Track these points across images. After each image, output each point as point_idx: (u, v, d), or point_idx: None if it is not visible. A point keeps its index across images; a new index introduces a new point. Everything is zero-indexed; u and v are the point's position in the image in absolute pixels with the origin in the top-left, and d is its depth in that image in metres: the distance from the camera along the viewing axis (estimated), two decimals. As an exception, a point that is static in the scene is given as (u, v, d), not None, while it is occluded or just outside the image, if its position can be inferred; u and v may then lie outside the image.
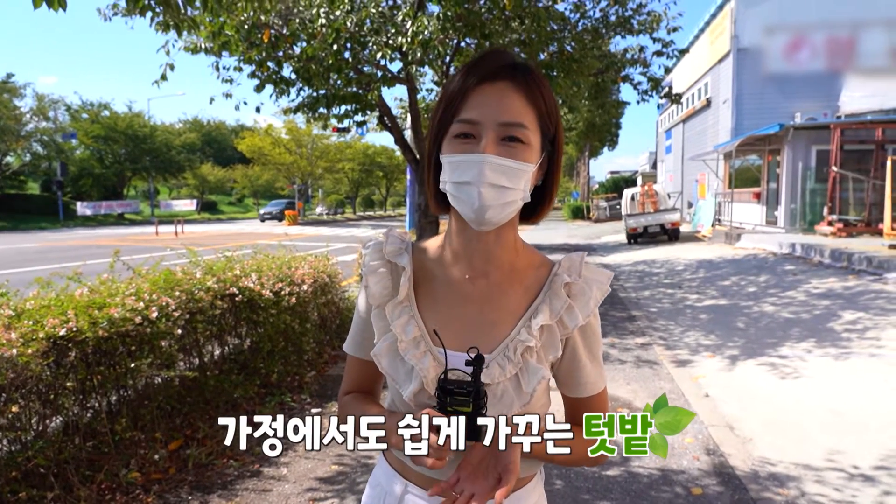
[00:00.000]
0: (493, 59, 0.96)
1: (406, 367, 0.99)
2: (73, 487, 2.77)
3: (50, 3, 3.29)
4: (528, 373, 0.98)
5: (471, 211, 0.93)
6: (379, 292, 1.04)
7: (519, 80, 0.95)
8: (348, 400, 1.12)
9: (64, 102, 38.40)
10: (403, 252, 1.05)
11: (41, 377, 2.66)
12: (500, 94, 0.93)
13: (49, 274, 3.38)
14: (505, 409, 0.97)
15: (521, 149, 0.93)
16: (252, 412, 4.03)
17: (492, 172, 0.90)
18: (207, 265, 4.27)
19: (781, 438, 3.77)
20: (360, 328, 1.10)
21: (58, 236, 24.55)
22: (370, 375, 1.12)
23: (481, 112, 0.92)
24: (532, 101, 0.95)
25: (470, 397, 0.87)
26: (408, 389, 0.98)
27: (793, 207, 16.37)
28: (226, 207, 57.03)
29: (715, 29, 23.13)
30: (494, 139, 0.92)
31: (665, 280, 10.87)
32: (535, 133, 0.95)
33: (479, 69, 0.95)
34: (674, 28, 9.36)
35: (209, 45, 7.20)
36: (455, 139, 0.94)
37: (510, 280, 1.03)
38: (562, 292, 1.01)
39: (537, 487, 1.09)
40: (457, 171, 0.93)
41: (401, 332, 1.00)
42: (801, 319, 6.91)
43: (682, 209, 26.08)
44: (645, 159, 49.74)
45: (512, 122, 0.92)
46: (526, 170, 0.94)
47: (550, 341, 1.00)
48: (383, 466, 1.10)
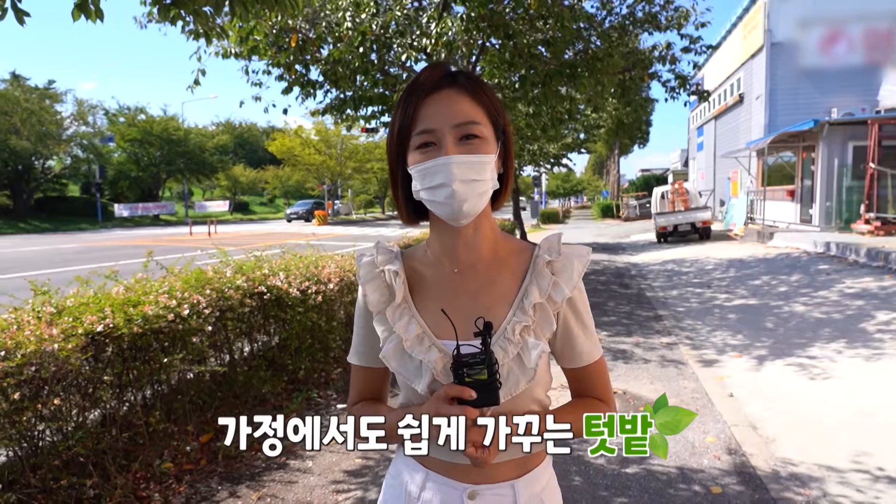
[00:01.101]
0: (431, 72, 1.04)
1: (414, 362, 1.05)
2: (110, 476, 2.91)
3: (88, 14, 3.45)
4: (529, 349, 1.04)
5: (449, 209, 1.00)
6: (377, 299, 1.10)
7: (460, 84, 1.03)
8: (358, 408, 1.17)
9: (102, 107, 39.69)
10: (394, 259, 1.12)
11: (81, 371, 2.80)
12: (448, 100, 1.01)
13: (88, 273, 3.54)
14: (513, 388, 1.03)
15: (478, 143, 1.00)
16: (279, 407, 4.17)
17: (459, 170, 0.98)
18: (237, 264, 4.40)
19: (806, 439, 3.74)
20: (362, 338, 1.16)
21: (96, 237, 25.30)
22: (377, 382, 1.18)
23: (435, 120, 1.00)
24: (478, 100, 1.03)
25: (484, 365, 0.93)
26: (421, 383, 1.04)
27: (828, 205, 15.99)
28: (257, 208, 58.01)
29: (748, 23, 22.69)
30: (453, 141, 0.99)
31: (694, 279, 10.74)
32: (487, 127, 1.03)
33: (422, 84, 1.02)
34: (702, 23, 9.24)
35: (239, 50, 7.39)
36: (417, 150, 1.02)
37: (496, 268, 1.10)
38: (546, 271, 1.07)
39: (547, 469, 1.14)
40: (427, 178, 1.00)
41: (404, 332, 1.06)
42: (832, 319, 6.78)
43: (714, 207, 25.64)
44: (677, 157, 48.98)
45: (465, 121, 1.00)
46: (489, 161, 1.01)
47: (544, 318, 1.06)
48: (402, 458, 1.16)
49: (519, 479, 1.08)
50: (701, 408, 4.27)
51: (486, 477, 1.06)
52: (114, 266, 3.65)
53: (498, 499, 1.07)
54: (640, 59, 8.93)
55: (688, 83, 9.19)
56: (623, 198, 41.62)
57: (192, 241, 19.97)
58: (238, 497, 3.04)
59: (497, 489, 1.07)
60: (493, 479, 1.07)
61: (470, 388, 0.93)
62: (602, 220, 39.02)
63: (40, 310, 2.91)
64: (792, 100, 19.96)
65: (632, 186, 53.83)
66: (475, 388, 0.93)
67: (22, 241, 22.59)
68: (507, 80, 8.54)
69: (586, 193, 73.22)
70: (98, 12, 3.29)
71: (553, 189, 53.61)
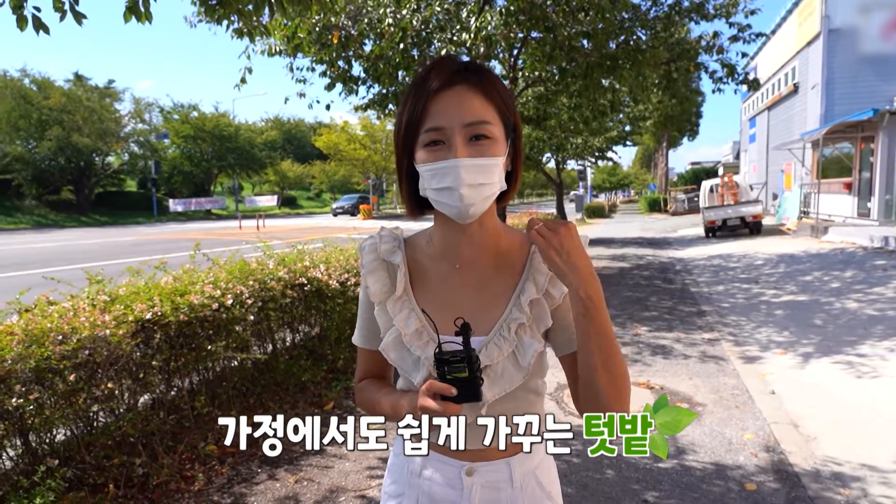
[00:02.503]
0: (443, 66, 1.01)
1: (413, 357, 1.09)
2: (157, 456, 3.08)
3: (138, 17, 3.62)
4: (523, 348, 1.06)
5: (456, 211, 1.00)
6: (378, 290, 1.12)
7: (473, 80, 1.00)
8: (363, 385, 1.22)
9: (158, 105, 41.06)
10: (397, 249, 1.13)
11: (131, 356, 2.97)
12: (459, 96, 0.99)
13: (139, 264, 3.73)
14: (507, 385, 1.06)
15: (488, 144, 0.99)
16: (319, 395, 4.30)
17: (468, 174, 0.97)
18: (279, 257, 4.55)
19: (849, 438, 3.64)
20: (365, 322, 1.19)
21: (151, 230, 26.31)
22: (379, 363, 1.21)
23: (445, 118, 0.98)
24: (489, 97, 1.01)
25: (464, 363, 0.95)
26: (418, 377, 1.08)
27: (888, 198, 15.30)
28: (304, 202, 59.10)
29: (804, 10, 21.82)
30: (463, 141, 0.98)
31: (741, 275, 10.46)
32: (498, 126, 1.01)
33: (432, 78, 1.00)
34: (752, 11, 8.98)
35: (284, 48, 7.58)
36: (426, 148, 1.00)
37: (496, 264, 1.11)
38: (542, 267, 1.07)
39: (542, 447, 1.13)
40: (435, 179, 0.99)
41: (403, 326, 1.09)
42: (886, 317, 6.52)
43: (766, 201, 24.82)
44: (728, 149, 47.58)
45: (476, 120, 0.98)
46: (498, 163, 1.00)
47: (540, 314, 1.07)
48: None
49: (514, 456, 1.12)
50: (740, 404, 4.20)
51: (482, 455, 1.10)
52: (164, 258, 3.83)
53: (494, 475, 1.11)
54: (685, 50, 8.73)
55: (736, 72, 8.93)
56: (671, 192, 40.69)
57: (240, 235, 20.56)
58: (276, 479, 3.17)
59: (493, 466, 1.11)
60: (489, 457, 1.11)
61: (451, 385, 0.95)
62: (649, 214, 38.26)
63: (95, 298, 3.09)
64: (850, 88, 19.13)
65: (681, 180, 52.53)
66: (456, 385, 0.95)
67: (83, 234, 23.70)
68: (547, 72, 8.49)
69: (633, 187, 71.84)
70: (147, 14, 3.45)
71: (599, 183, 52.81)
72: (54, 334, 2.61)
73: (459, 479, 1.12)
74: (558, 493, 1.20)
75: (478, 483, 1.11)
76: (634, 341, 5.81)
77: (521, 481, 1.13)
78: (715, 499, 2.94)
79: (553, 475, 1.19)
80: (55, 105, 32.90)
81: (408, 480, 1.18)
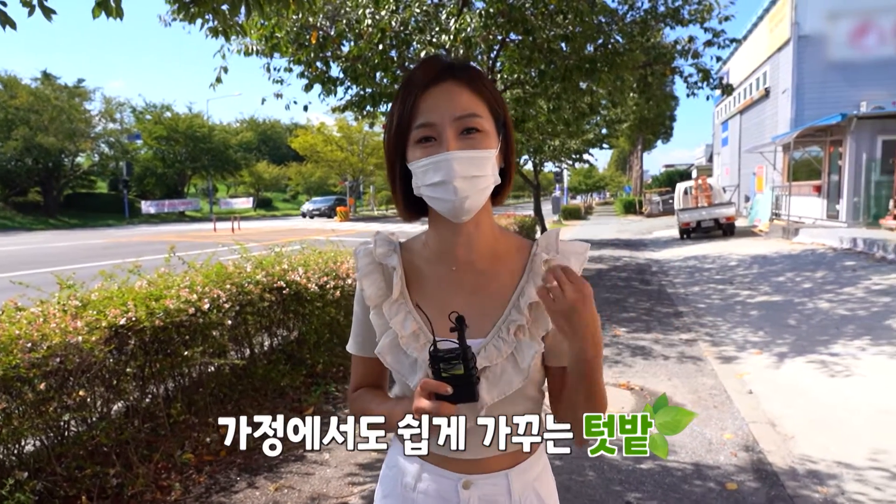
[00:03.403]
0: (431, 64, 1.02)
1: (409, 359, 1.06)
2: (132, 465, 3.00)
3: (109, 12, 3.53)
4: (523, 349, 1.04)
5: (451, 206, 0.98)
6: (374, 294, 1.10)
7: (460, 76, 1.01)
8: (357, 395, 1.20)
9: (129, 105, 40.26)
10: (392, 253, 1.11)
11: (104, 363, 2.88)
12: (448, 92, 0.99)
13: (112, 268, 3.63)
14: (506, 388, 1.03)
15: (479, 137, 0.99)
16: (298, 400, 4.23)
17: (460, 166, 0.96)
18: (257, 260, 4.47)
19: (825, 436, 3.70)
20: (360, 328, 1.16)
21: (123, 233, 25.80)
22: (375, 371, 1.19)
23: (435, 113, 0.98)
24: (478, 92, 1.01)
25: (460, 360, 0.92)
26: (415, 380, 1.04)
27: (856, 201, 15.67)
28: (280, 204, 58.51)
29: (774, 16, 22.26)
30: (454, 135, 0.98)
31: (716, 276, 10.61)
32: (488, 120, 1.01)
33: (421, 76, 1.01)
34: (726, 17, 9.11)
35: (260, 48, 7.48)
36: (417, 145, 1.00)
37: (494, 266, 1.09)
38: (542, 269, 1.06)
39: (540, 458, 1.15)
40: (428, 174, 0.99)
41: (400, 328, 1.06)
42: (857, 316, 6.66)
43: (739, 203, 25.25)
44: (701, 152, 48.28)
45: (466, 113, 0.98)
46: (490, 156, 1.00)
47: (540, 317, 1.05)
48: (398, 447, 1.17)
49: (512, 468, 1.09)
50: (719, 404, 4.24)
51: (479, 467, 1.07)
52: (138, 261, 3.74)
53: (492, 488, 1.08)
54: (661, 54, 8.84)
55: (711, 77, 9.07)
56: (646, 194, 41.18)
57: (215, 237, 20.26)
58: (256, 488, 3.10)
59: (491, 479, 1.08)
60: (487, 469, 1.08)
61: (446, 384, 0.92)
62: (624, 216, 38.65)
63: (66, 303, 3.00)
64: (819, 94, 19.55)
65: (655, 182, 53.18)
66: (452, 383, 0.92)
67: (51, 237, 23.13)
68: (526, 75, 8.52)
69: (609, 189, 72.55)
70: (118, 10, 3.37)
71: (575, 185, 53.22)
72: (23, 341, 2.52)
73: (456, 492, 1.08)
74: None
75: (475, 496, 1.08)
76: (614, 342, 5.84)
77: (520, 494, 1.10)
78: (697, 499, 2.96)
79: (552, 488, 1.17)
80: (22, 104, 32.04)
81: (401, 494, 1.14)
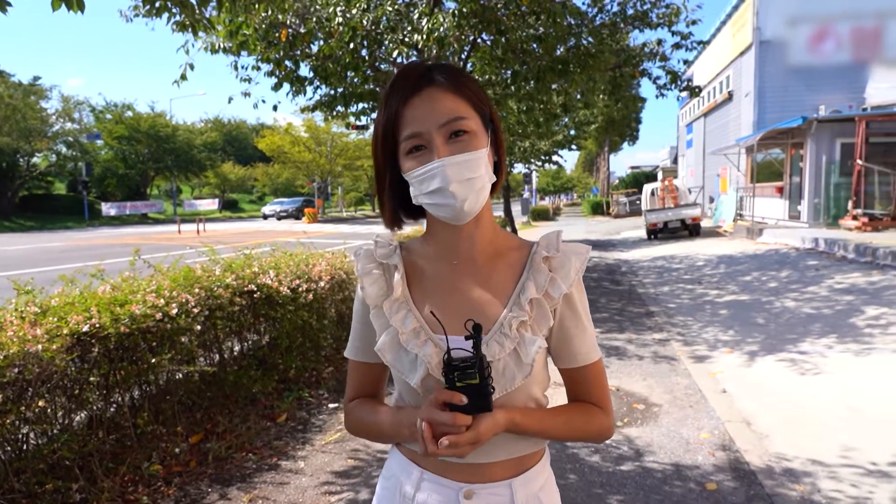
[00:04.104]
0: (408, 73, 1.02)
1: (410, 356, 1.03)
2: (97, 479, 2.86)
3: (69, 5, 3.37)
4: (526, 344, 1.01)
5: (451, 210, 0.99)
6: (375, 293, 1.08)
7: (439, 80, 1.00)
8: (354, 406, 1.16)
9: (89, 104, 39.16)
10: (393, 253, 1.11)
11: (66, 372, 2.74)
12: (430, 99, 0.99)
13: (73, 272, 3.47)
14: (508, 384, 1.01)
15: (468, 139, 0.99)
16: (270, 407, 4.12)
17: (454, 171, 0.97)
18: (226, 262, 4.34)
19: (798, 434, 3.74)
20: (360, 332, 1.14)
21: (83, 235, 25.04)
22: (373, 378, 1.17)
23: (421, 122, 0.98)
24: (460, 93, 1.00)
25: (475, 369, 0.90)
26: (415, 377, 1.01)
27: (816, 202, 16.10)
28: (247, 206, 57.64)
29: (737, 21, 22.79)
30: (442, 141, 0.98)
31: (685, 276, 10.77)
32: (474, 119, 1.01)
33: (401, 87, 1.00)
34: (693, 21, 9.24)
35: (228, 45, 7.29)
36: (408, 156, 1.00)
37: (494, 262, 1.09)
38: (543, 267, 1.06)
39: (545, 468, 1.12)
40: (424, 183, 0.99)
41: (400, 325, 1.04)
42: (822, 315, 6.81)
43: (704, 204, 25.76)
44: (666, 154, 49.19)
45: (451, 118, 0.98)
46: (481, 156, 1.00)
47: (541, 313, 1.04)
48: (397, 457, 1.13)
49: (516, 477, 1.06)
50: (694, 404, 4.26)
51: (482, 476, 1.04)
52: (100, 265, 3.58)
53: (495, 498, 1.04)
54: (630, 56, 8.93)
55: (679, 79, 9.19)
56: (613, 195, 41.75)
57: (180, 240, 19.80)
58: (228, 499, 2.99)
59: (494, 488, 1.04)
60: (490, 479, 1.04)
61: (461, 394, 0.90)
62: (592, 216, 39.13)
63: (24, 310, 2.84)
64: (780, 97, 20.08)
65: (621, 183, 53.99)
66: (466, 392, 0.90)
67: (6, 240, 22.30)
68: (498, 76, 8.50)
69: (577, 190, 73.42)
70: (80, 3, 3.21)
71: (543, 186, 53.75)
72: (-22, 351, 2.37)
73: (457, 501, 1.04)
74: None
75: None
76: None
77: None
78: (678, 500, 2.95)
79: (556, 499, 1.12)
80: (-28, 102, 30.92)
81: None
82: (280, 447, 3.60)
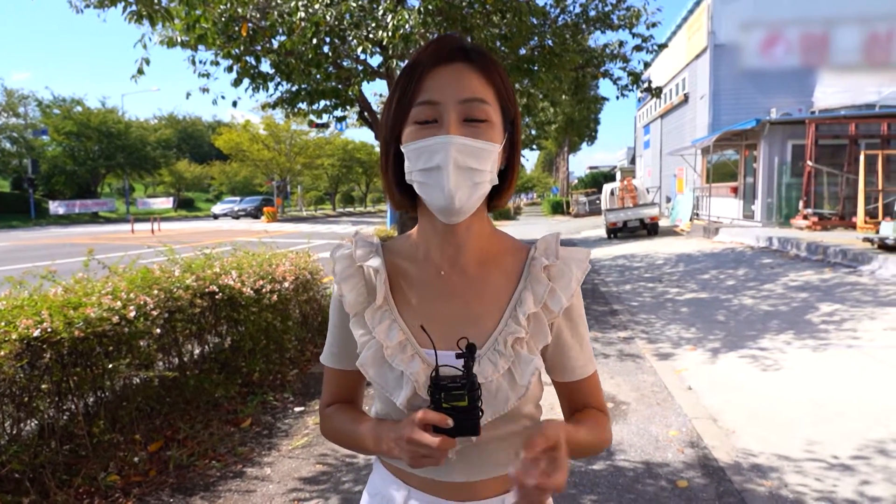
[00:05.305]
0: (444, 42, 0.93)
1: (395, 373, 0.94)
2: (49, 492, 2.70)
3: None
4: (521, 365, 0.94)
5: (441, 196, 0.88)
6: (355, 299, 0.99)
7: (474, 59, 0.92)
8: (331, 412, 1.07)
9: (35, 98, 37.56)
10: (374, 254, 1.01)
11: (14, 380, 2.58)
12: (458, 73, 0.90)
13: (21, 273, 3.28)
14: (500, 407, 0.93)
15: (484, 128, 0.90)
16: (234, 411, 3.99)
17: (459, 154, 0.87)
18: (186, 263, 4.18)
19: (763, 429, 3.81)
20: (337, 339, 1.05)
21: (29, 235, 24.02)
22: (351, 385, 1.08)
23: (440, 92, 0.89)
24: (490, 80, 0.92)
25: (465, 390, 0.83)
26: (400, 396, 0.93)
27: (769, 202, 16.62)
28: (203, 204, 56.25)
29: (692, 24, 23.34)
30: (457, 119, 0.88)
31: (646, 274, 10.95)
32: (496, 111, 0.92)
33: (432, 52, 0.91)
34: (653, 23, 9.40)
35: (185, 39, 7.05)
36: (416, 126, 0.90)
37: (487, 270, 1.00)
38: (542, 276, 0.98)
39: None
40: (423, 158, 0.89)
41: (384, 338, 0.95)
42: (779, 312, 7.00)
43: (661, 204, 26.33)
44: (623, 154, 50.13)
45: (473, 97, 0.89)
46: (493, 150, 0.90)
47: (539, 329, 0.97)
48: (381, 472, 1.06)
49: (508, 493, 0.98)
50: (661, 401, 4.31)
51: (473, 494, 0.97)
52: (51, 266, 3.39)
53: None
54: (593, 57, 9.02)
55: (640, 81, 9.34)
56: (573, 194, 42.32)
57: (134, 240, 19.17)
58: (191, 509, 2.86)
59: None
60: (481, 496, 0.98)
61: (447, 416, 0.83)
62: (552, 216, 39.57)
63: (-32, 314, 2.66)
64: (734, 100, 20.64)
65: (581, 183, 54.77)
66: (452, 414, 0.83)
67: (-54, 240, 21.22)
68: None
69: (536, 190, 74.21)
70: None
71: (504, 186, 53.98)
72: (-83, 359, 2.21)
73: None
74: None
75: None
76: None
77: None
78: (651, 498, 2.96)
79: None
80: None
81: None
82: (245, 453, 3.47)
